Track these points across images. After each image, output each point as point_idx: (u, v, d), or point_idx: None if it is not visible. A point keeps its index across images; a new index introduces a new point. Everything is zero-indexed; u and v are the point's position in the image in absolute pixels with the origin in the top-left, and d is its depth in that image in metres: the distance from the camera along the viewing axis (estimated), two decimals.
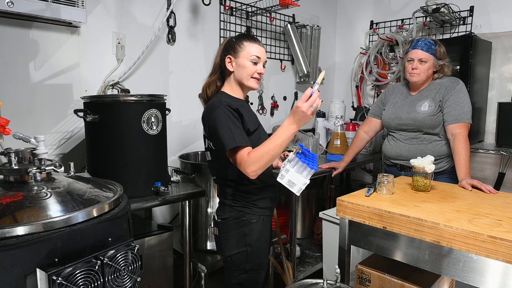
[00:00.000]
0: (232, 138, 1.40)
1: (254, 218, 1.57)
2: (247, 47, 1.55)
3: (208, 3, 2.65)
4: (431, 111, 2.07)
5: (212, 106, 1.51)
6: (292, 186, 1.43)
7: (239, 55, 1.55)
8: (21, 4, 1.72)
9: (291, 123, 1.35)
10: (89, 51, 2.16)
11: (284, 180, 1.43)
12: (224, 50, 1.58)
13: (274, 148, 1.36)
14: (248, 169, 1.37)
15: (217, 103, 1.50)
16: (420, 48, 2.06)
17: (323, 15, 3.66)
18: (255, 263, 1.59)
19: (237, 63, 1.55)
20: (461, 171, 1.90)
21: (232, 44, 1.57)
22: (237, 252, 1.57)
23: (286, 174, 1.43)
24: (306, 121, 1.35)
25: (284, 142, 1.36)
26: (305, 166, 1.43)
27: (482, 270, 1.25)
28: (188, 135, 2.70)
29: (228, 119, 1.44)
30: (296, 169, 1.43)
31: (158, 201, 1.80)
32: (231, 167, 1.49)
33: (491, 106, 2.89)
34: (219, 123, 1.44)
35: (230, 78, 1.60)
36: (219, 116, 1.45)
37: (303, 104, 1.31)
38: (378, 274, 1.62)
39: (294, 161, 1.44)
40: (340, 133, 2.71)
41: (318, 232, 2.97)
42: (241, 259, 1.57)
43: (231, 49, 1.56)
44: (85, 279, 1.06)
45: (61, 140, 2.10)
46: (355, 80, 3.72)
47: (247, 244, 1.56)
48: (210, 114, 1.49)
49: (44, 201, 1.16)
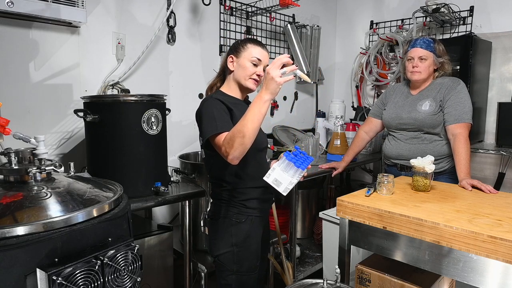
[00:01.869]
0: (215, 125, 1.41)
1: (242, 218, 1.56)
2: (250, 48, 1.56)
3: (208, 3, 2.65)
4: (431, 110, 2.07)
5: (202, 100, 1.56)
6: (278, 185, 1.41)
7: (240, 55, 1.57)
8: (21, 4, 1.72)
9: (261, 92, 1.31)
10: (89, 51, 2.16)
11: (270, 179, 1.41)
12: (228, 51, 1.63)
13: (246, 124, 1.28)
14: (225, 153, 1.34)
15: (208, 97, 1.56)
16: (420, 46, 2.07)
17: (323, 15, 3.66)
18: (243, 265, 1.56)
19: (238, 63, 1.57)
20: (461, 171, 1.90)
21: (236, 45, 1.61)
22: (224, 252, 1.56)
23: (272, 173, 1.42)
24: (275, 86, 1.28)
25: (257, 114, 1.29)
26: (291, 165, 1.41)
27: (482, 270, 1.25)
28: (188, 135, 2.70)
29: (213, 109, 1.46)
30: (282, 167, 1.42)
31: (158, 201, 1.80)
32: (220, 165, 1.51)
33: (491, 106, 2.89)
34: (204, 113, 1.47)
35: (229, 78, 1.63)
36: (205, 107, 1.49)
37: (270, 67, 1.29)
38: (378, 274, 1.62)
39: (281, 159, 1.44)
40: (340, 133, 2.71)
41: (318, 232, 2.97)
42: (228, 259, 1.56)
43: (234, 50, 1.60)
44: (85, 279, 1.06)
45: (61, 140, 2.10)
46: (355, 80, 3.72)
47: (234, 244, 1.55)
48: (199, 108, 1.53)
49: (44, 201, 1.16)
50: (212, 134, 1.40)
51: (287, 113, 3.43)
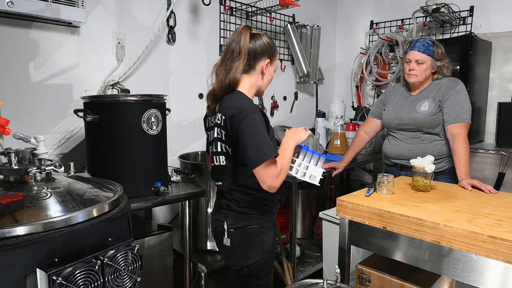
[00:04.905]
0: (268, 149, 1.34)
1: (270, 225, 1.54)
2: (277, 56, 1.54)
3: (208, 3, 2.65)
4: (431, 110, 2.07)
5: (243, 109, 1.37)
6: (314, 179, 1.52)
7: (273, 63, 1.52)
8: (21, 4, 1.72)
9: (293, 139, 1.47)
10: (89, 51, 2.16)
11: (306, 177, 1.51)
12: (264, 53, 1.48)
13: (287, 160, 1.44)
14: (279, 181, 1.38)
15: (250, 106, 1.38)
16: (417, 50, 2.07)
17: (323, 15, 3.66)
18: (268, 268, 1.56)
19: (269, 70, 1.51)
20: (461, 171, 1.90)
21: (273, 48, 1.51)
22: (255, 261, 1.50)
23: (303, 170, 1.51)
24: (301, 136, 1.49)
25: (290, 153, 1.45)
26: (317, 157, 1.52)
27: (482, 270, 1.25)
28: (188, 135, 2.70)
29: (261, 126, 1.37)
30: (312, 162, 1.51)
31: (158, 201, 1.80)
32: (249, 173, 1.39)
33: (491, 106, 2.89)
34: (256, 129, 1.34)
35: (254, 80, 1.50)
36: (255, 123, 1.35)
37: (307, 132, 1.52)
38: (378, 274, 1.62)
39: (308, 156, 1.52)
40: (340, 133, 2.71)
41: (318, 232, 2.97)
42: (258, 267, 1.51)
43: (271, 53, 1.50)
44: (85, 279, 1.06)
45: (61, 140, 2.10)
46: (355, 80, 3.72)
47: (265, 252, 1.51)
48: (241, 119, 1.35)
49: (44, 201, 1.16)
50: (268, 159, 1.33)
51: (287, 113, 3.44)
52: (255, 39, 1.46)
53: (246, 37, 1.43)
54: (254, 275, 1.52)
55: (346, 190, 3.39)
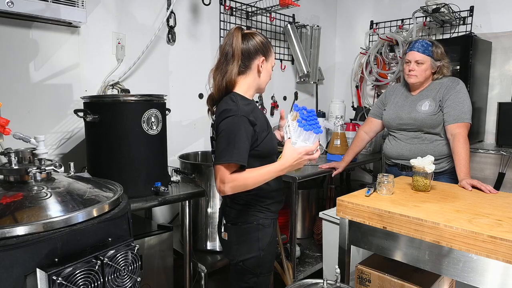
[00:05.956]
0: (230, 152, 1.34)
1: (268, 223, 1.54)
2: (273, 52, 1.53)
3: (208, 3, 2.65)
4: (431, 110, 2.07)
5: (227, 110, 1.40)
6: None
7: (269, 60, 1.52)
8: (21, 4, 1.72)
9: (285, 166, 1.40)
10: (89, 51, 2.16)
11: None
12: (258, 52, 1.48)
13: (257, 182, 1.39)
14: (222, 186, 1.36)
15: (234, 109, 1.39)
16: (417, 50, 2.07)
17: (323, 15, 3.66)
18: (266, 267, 1.56)
19: (265, 67, 1.51)
20: (461, 171, 1.90)
21: (267, 46, 1.50)
22: (250, 257, 1.51)
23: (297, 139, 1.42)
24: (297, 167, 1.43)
25: (270, 177, 1.42)
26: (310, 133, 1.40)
27: (482, 270, 1.25)
28: (188, 135, 2.70)
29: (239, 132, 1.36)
30: (302, 138, 1.41)
31: (158, 201, 1.80)
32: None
33: (491, 106, 2.89)
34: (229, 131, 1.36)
35: (251, 79, 1.50)
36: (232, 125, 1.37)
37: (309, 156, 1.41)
38: (378, 274, 1.62)
39: (297, 131, 1.41)
40: (340, 133, 2.71)
41: (318, 232, 2.97)
42: (253, 263, 1.52)
43: (266, 51, 1.49)
44: (85, 279, 1.06)
45: (61, 140, 2.10)
46: (355, 80, 3.72)
47: (260, 249, 1.52)
48: (222, 118, 1.40)
49: (44, 201, 1.16)
50: (226, 162, 1.34)
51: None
52: (247, 39, 1.47)
53: (238, 38, 1.44)
54: (250, 271, 1.54)
55: (346, 190, 3.40)
